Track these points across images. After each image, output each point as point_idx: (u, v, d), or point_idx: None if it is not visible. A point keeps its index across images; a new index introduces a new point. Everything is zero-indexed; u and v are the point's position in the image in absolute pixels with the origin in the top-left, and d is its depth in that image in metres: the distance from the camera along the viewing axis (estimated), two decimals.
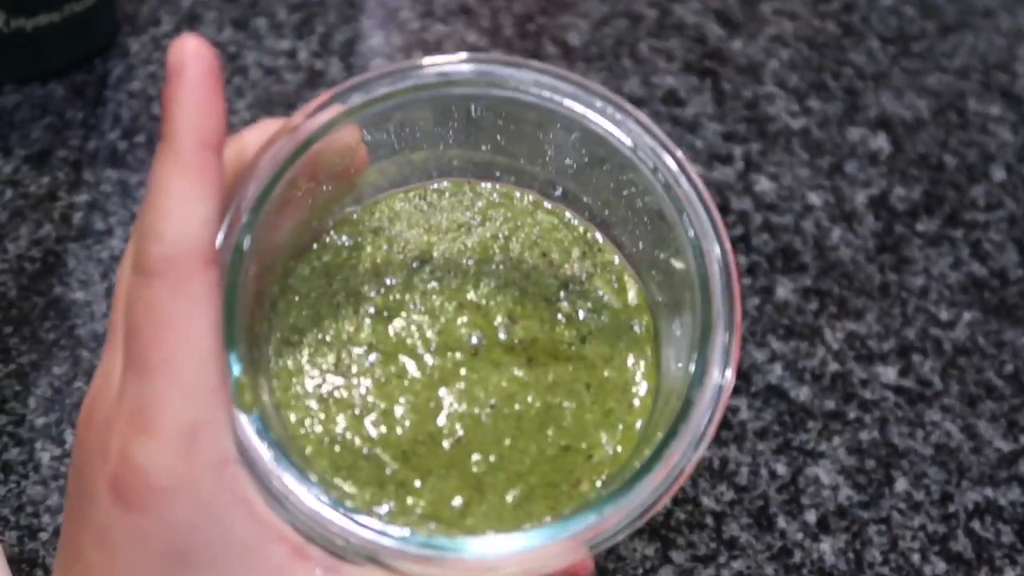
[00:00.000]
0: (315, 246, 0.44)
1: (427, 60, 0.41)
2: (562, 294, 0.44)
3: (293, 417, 0.41)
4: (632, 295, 0.45)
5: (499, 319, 0.43)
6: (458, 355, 0.43)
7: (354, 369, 0.42)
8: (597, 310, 0.44)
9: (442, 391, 0.42)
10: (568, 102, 0.41)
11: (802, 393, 0.67)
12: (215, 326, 0.34)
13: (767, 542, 0.61)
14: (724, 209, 0.75)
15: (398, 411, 0.41)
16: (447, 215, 0.46)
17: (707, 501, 0.63)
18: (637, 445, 0.42)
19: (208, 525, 0.33)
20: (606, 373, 0.43)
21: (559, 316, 0.44)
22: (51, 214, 0.70)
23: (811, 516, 0.63)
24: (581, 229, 0.46)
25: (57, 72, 0.76)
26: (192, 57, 0.34)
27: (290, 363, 0.42)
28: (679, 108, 0.81)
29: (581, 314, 0.44)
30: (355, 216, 0.45)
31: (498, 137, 0.45)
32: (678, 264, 0.42)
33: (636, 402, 0.43)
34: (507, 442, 0.41)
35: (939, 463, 0.65)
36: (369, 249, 0.44)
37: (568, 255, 0.45)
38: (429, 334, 0.43)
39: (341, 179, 0.43)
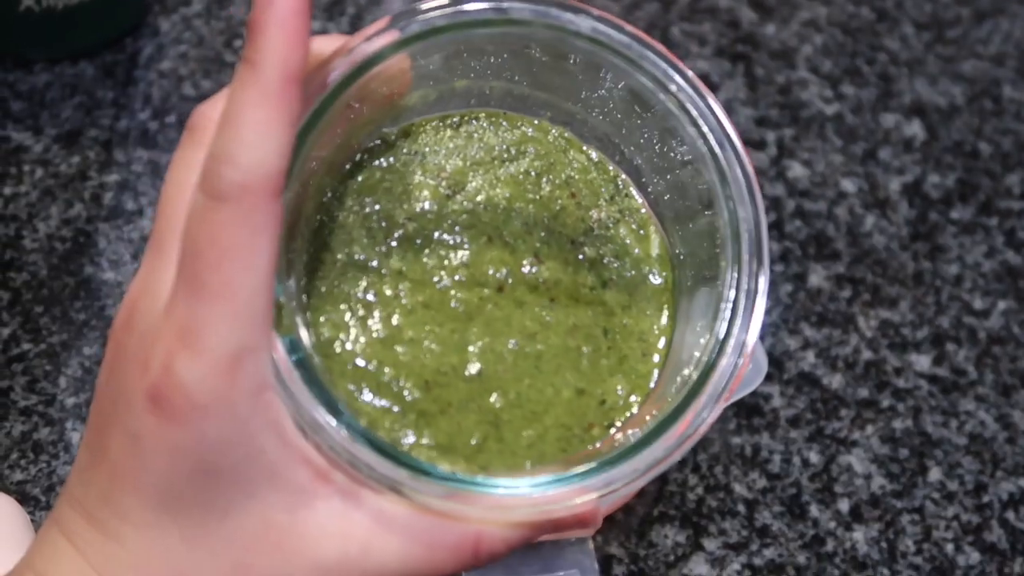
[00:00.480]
0: (349, 166, 0.44)
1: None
2: (587, 237, 0.44)
3: (323, 335, 0.41)
4: (655, 245, 0.45)
5: (526, 257, 0.43)
6: (485, 290, 0.43)
7: (383, 294, 0.42)
8: (620, 256, 0.44)
9: (467, 324, 0.42)
10: (622, 49, 0.41)
11: (835, 381, 0.67)
12: (274, 258, 0.34)
13: (799, 530, 0.61)
14: None
15: (423, 340, 0.41)
16: (481, 145, 0.45)
17: (739, 488, 0.62)
18: (648, 395, 0.42)
19: (239, 445, 0.34)
20: (624, 320, 0.43)
21: (582, 259, 0.44)
22: (81, 194, 0.70)
23: (844, 505, 0.62)
24: (611, 172, 0.46)
25: (87, 51, 0.76)
26: None
27: (321, 285, 0.42)
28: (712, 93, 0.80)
29: (604, 259, 0.44)
30: (392, 138, 0.45)
31: (543, 75, 0.45)
32: (707, 221, 0.42)
33: (651, 352, 0.43)
34: (526, 381, 0.42)
35: (973, 453, 0.65)
36: (404, 173, 0.44)
37: (597, 197, 0.45)
38: (458, 266, 0.43)
39: (384, 103, 0.43)
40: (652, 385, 0.43)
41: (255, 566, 0.35)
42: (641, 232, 0.45)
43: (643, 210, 0.45)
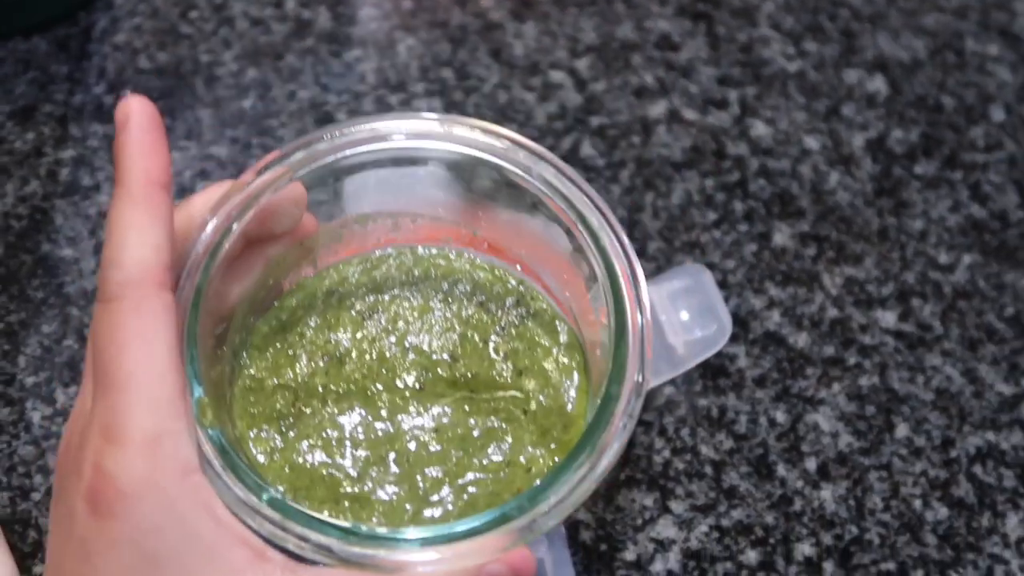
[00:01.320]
0: (274, 304, 0.48)
1: (365, 124, 0.45)
2: (499, 336, 0.48)
3: (254, 449, 0.44)
4: (563, 334, 0.49)
5: (443, 358, 0.47)
6: (406, 392, 0.46)
7: (310, 407, 0.45)
8: (531, 348, 0.48)
9: (392, 421, 0.45)
10: (506, 160, 0.46)
11: (801, 339, 0.67)
12: (172, 344, 0.37)
13: (767, 490, 0.61)
14: (720, 154, 0.74)
15: (352, 439, 0.45)
16: (393, 276, 0.50)
17: (706, 450, 0.62)
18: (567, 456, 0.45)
19: (173, 528, 0.36)
20: (542, 399, 0.47)
21: (496, 354, 0.48)
22: (37, 170, 0.69)
23: (811, 464, 0.62)
24: (514, 282, 0.50)
25: (40, 26, 0.75)
26: (135, 111, 0.39)
27: (252, 406, 0.45)
28: (673, 52, 0.79)
29: (517, 352, 0.48)
30: (309, 280, 0.49)
31: (436, 196, 0.49)
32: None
33: (571, 423, 0.46)
34: (452, 460, 0.45)
35: (940, 408, 0.65)
36: (322, 307, 0.48)
37: (503, 303, 0.49)
38: (379, 374, 0.47)
39: (292, 239, 0.47)
40: (568, 449, 0.46)
41: None
42: (549, 326, 0.49)
43: (546, 305, 0.49)
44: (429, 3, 0.80)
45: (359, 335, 0.48)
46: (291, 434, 0.45)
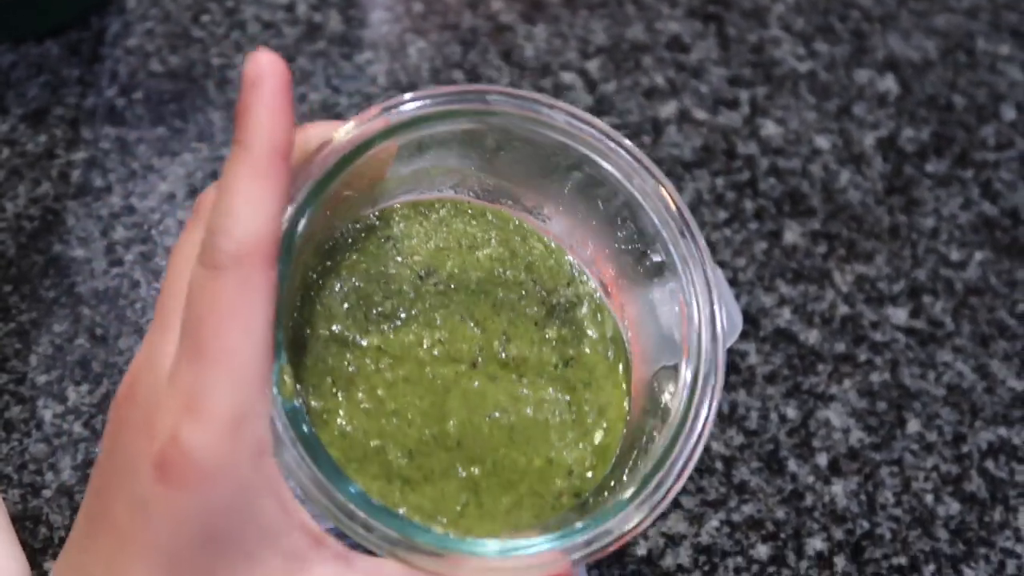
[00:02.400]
0: (329, 246, 0.46)
1: (472, 87, 0.43)
2: (549, 319, 0.47)
3: (311, 406, 0.43)
4: (609, 327, 0.48)
5: (496, 337, 0.46)
6: (460, 366, 0.45)
7: (365, 368, 0.44)
8: (579, 337, 0.48)
9: (444, 398, 0.45)
10: (593, 142, 0.44)
11: (811, 336, 0.66)
12: (270, 321, 0.36)
13: (778, 486, 0.61)
14: (730, 154, 0.74)
15: (406, 412, 0.44)
16: (449, 232, 0.48)
17: (716, 446, 0.62)
18: (610, 465, 0.45)
19: (241, 509, 0.35)
20: (586, 396, 0.46)
21: (546, 338, 0.47)
22: (49, 172, 0.69)
23: (822, 459, 0.62)
24: (568, 259, 0.49)
25: (53, 30, 0.75)
26: (268, 71, 0.36)
27: (307, 359, 0.44)
28: (683, 54, 0.79)
29: (565, 340, 0.47)
30: (369, 222, 0.47)
31: (511, 167, 0.47)
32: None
33: (611, 426, 0.46)
34: (501, 451, 0.44)
35: (951, 404, 0.65)
36: (381, 255, 0.47)
37: (555, 282, 0.48)
38: (434, 343, 0.45)
39: (366, 186, 0.45)
40: (613, 457, 0.46)
41: None
42: (597, 315, 0.48)
43: (597, 293, 0.49)
44: (440, 6, 0.80)
45: (415, 296, 0.46)
46: (341, 396, 0.44)
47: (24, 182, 0.69)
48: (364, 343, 0.45)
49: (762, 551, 0.59)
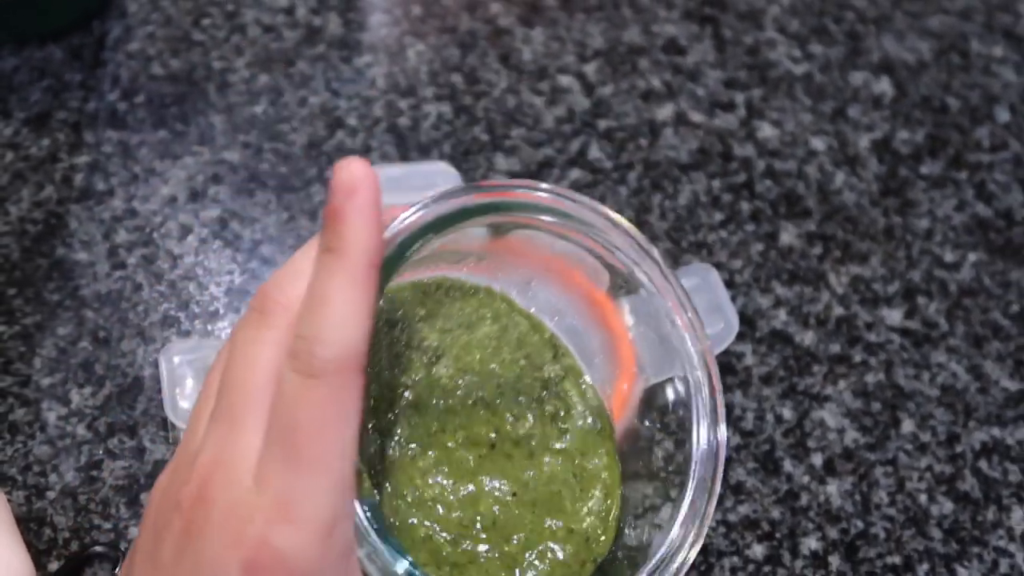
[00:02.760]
0: None
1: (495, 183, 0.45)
2: (546, 394, 0.49)
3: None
4: (591, 395, 0.50)
5: (506, 416, 0.48)
6: (482, 449, 0.47)
7: (401, 458, 0.46)
8: (569, 410, 0.49)
9: (473, 481, 0.46)
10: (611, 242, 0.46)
11: (807, 338, 0.67)
12: (358, 428, 0.36)
13: (773, 486, 0.61)
14: (727, 156, 0.75)
15: (443, 499, 0.45)
16: (451, 310, 0.49)
17: None
18: (616, 531, 0.47)
19: None
20: (586, 464, 0.48)
21: (546, 414, 0.48)
22: (52, 176, 0.70)
23: (817, 459, 0.63)
24: (547, 334, 0.50)
25: (55, 34, 0.76)
26: (362, 180, 0.36)
27: None
28: (679, 56, 0.80)
29: (560, 413, 0.49)
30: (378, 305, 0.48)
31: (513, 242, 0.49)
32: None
33: (609, 491, 0.48)
34: (528, 526, 0.46)
35: (945, 404, 0.65)
36: (393, 343, 0.48)
37: (543, 358, 0.50)
38: (457, 428, 0.47)
39: None
40: (612, 520, 0.47)
41: None
42: (581, 386, 0.50)
43: (578, 364, 0.50)
44: (438, 9, 0.81)
45: (430, 381, 0.47)
46: (383, 488, 0.45)
47: (28, 186, 0.69)
48: (397, 433, 0.46)
49: (758, 551, 0.59)
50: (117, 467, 0.59)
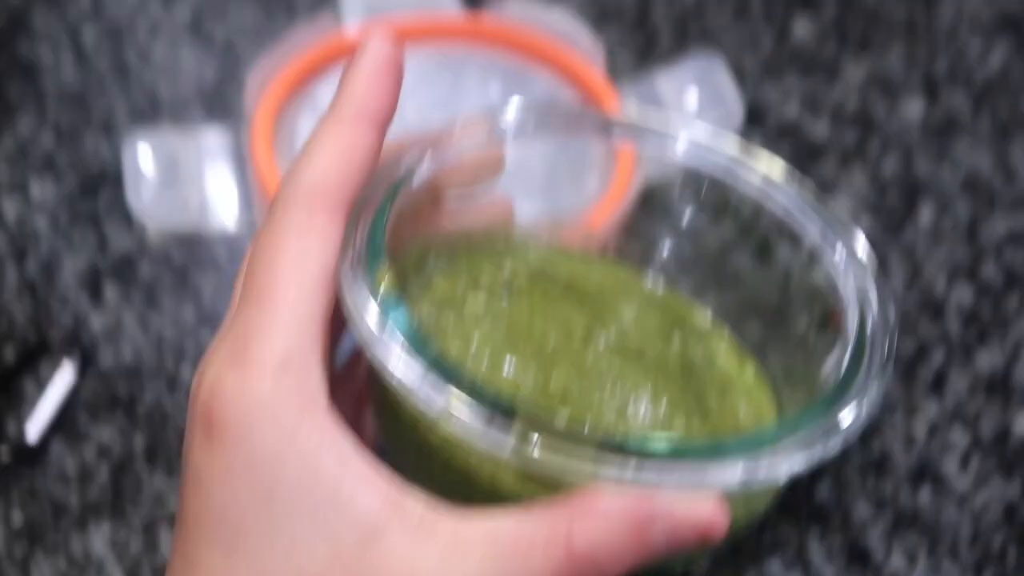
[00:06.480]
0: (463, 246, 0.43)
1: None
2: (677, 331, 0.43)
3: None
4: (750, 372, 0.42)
5: (610, 327, 0.42)
6: (574, 339, 0.41)
7: (477, 324, 0.40)
8: (710, 361, 0.42)
9: (554, 359, 0.40)
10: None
11: (819, 129, 0.64)
12: (327, 267, 0.34)
13: None
14: None
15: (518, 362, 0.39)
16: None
17: None
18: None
19: (293, 459, 0.32)
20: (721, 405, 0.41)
21: (673, 347, 0.42)
22: None
23: None
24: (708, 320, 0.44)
25: None
26: (376, 45, 0.37)
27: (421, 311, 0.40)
28: None
29: (693, 361, 0.42)
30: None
31: None
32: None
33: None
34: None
35: (967, 192, 0.61)
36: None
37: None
38: (549, 319, 0.41)
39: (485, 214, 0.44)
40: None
41: None
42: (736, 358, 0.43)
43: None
44: None
45: (529, 287, 0.42)
46: (453, 343, 0.39)
47: None
48: (498, 306, 0.41)
49: None
50: (79, 259, 0.57)
